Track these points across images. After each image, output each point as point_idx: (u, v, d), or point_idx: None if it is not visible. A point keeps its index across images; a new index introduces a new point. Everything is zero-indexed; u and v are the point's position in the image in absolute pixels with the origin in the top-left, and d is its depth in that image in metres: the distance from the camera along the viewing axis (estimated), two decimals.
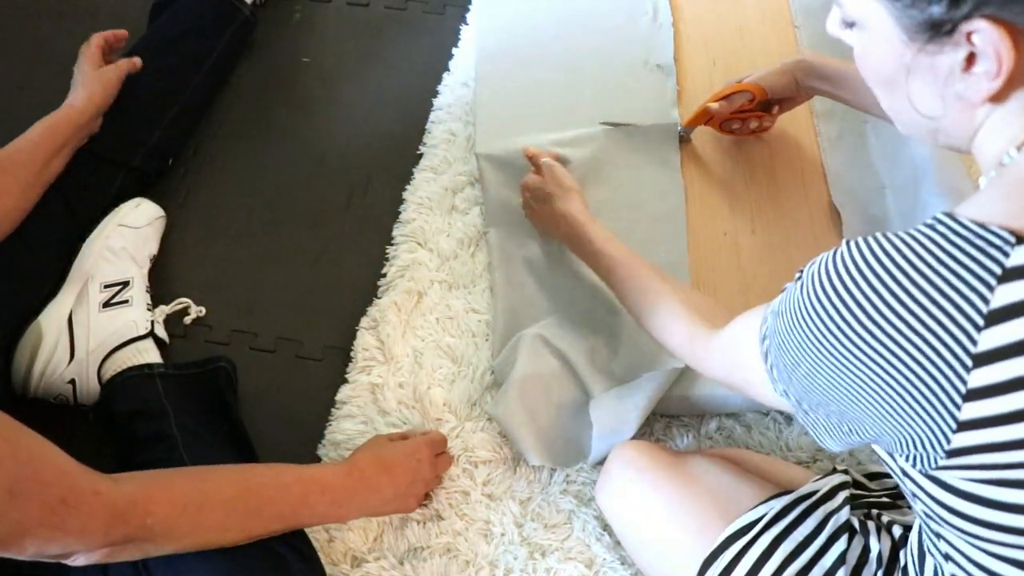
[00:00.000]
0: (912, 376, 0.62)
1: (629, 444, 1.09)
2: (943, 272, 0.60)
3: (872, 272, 0.62)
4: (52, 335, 1.22)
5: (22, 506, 0.76)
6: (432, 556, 1.14)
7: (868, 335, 0.62)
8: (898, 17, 0.65)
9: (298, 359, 1.32)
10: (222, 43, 1.51)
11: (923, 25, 0.63)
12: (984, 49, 0.61)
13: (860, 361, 0.63)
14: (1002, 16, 0.59)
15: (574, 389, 1.20)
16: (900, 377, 0.62)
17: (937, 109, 0.67)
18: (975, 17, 0.60)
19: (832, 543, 0.88)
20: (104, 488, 0.83)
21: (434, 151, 1.46)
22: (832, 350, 0.65)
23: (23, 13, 1.67)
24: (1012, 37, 0.59)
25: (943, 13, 0.61)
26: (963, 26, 0.61)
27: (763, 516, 0.91)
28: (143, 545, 0.87)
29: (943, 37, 0.63)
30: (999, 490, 0.64)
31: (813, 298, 0.66)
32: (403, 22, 1.62)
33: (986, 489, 0.64)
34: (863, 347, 0.63)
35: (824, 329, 0.65)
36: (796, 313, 0.68)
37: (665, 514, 0.99)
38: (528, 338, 1.23)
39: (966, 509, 0.66)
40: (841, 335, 0.64)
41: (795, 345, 0.68)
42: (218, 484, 0.94)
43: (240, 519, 0.94)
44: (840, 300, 0.63)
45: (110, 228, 1.31)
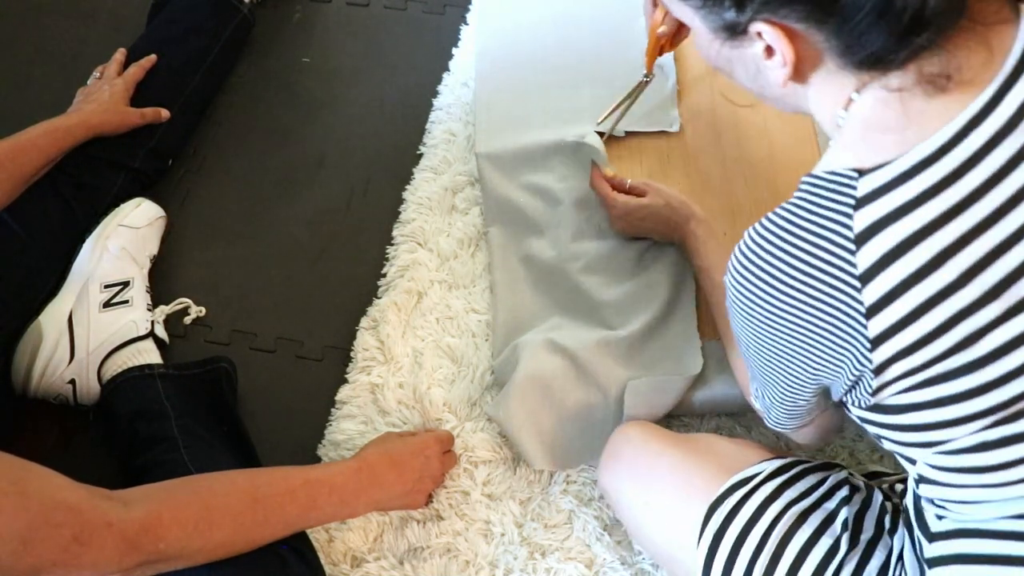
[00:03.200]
0: (821, 313, 0.72)
1: (633, 423, 1.11)
2: (813, 218, 0.72)
3: (765, 242, 0.75)
4: (52, 335, 1.22)
5: (36, 551, 0.77)
6: (432, 556, 1.14)
7: (778, 294, 0.74)
8: (704, 20, 0.77)
9: (298, 359, 1.32)
10: (221, 42, 1.51)
11: (723, 27, 0.76)
12: (774, 43, 0.72)
13: (782, 314, 0.75)
14: (775, 19, 0.71)
15: (577, 389, 1.19)
16: (813, 317, 0.73)
17: (763, 89, 0.81)
18: (756, 20, 0.72)
19: (835, 491, 0.93)
20: (115, 518, 0.83)
21: (434, 151, 1.46)
22: (759, 313, 0.77)
23: (23, 13, 1.67)
24: (787, 34, 0.71)
25: (733, 17, 0.74)
26: (751, 27, 0.73)
27: (766, 469, 0.95)
28: (157, 566, 0.87)
29: (741, 35, 0.75)
30: (929, 390, 0.72)
31: (733, 280, 0.79)
32: (403, 22, 1.62)
33: (919, 394, 0.72)
34: (778, 304, 0.75)
35: (748, 301, 0.78)
36: (729, 295, 0.81)
37: (670, 474, 1.01)
38: (530, 341, 1.23)
39: (911, 420, 0.74)
40: (760, 300, 0.76)
41: (736, 319, 0.81)
42: (226, 499, 0.94)
43: (249, 531, 0.95)
44: (749, 272, 0.76)
45: (110, 228, 1.31)
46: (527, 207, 1.36)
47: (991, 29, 0.68)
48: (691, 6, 0.77)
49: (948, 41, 0.67)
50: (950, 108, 0.68)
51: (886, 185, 0.68)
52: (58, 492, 0.81)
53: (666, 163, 1.38)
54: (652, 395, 1.16)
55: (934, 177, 0.67)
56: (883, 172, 0.68)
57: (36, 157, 1.24)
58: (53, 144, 1.27)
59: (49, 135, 1.27)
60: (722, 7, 0.73)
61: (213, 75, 1.52)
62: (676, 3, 0.79)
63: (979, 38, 0.68)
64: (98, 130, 1.33)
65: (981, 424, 0.72)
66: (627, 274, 1.29)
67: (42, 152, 1.25)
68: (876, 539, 0.89)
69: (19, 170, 1.21)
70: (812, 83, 0.76)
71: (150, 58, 1.44)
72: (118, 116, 1.36)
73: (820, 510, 0.91)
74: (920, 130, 0.68)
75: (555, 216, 1.34)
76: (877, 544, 0.89)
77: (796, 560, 0.88)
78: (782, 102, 0.82)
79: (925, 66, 0.68)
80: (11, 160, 1.20)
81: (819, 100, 0.77)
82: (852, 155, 0.71)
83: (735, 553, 0.91)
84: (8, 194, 1.20)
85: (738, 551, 0.90)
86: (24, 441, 1.22)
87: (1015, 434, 0.72)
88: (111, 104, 1.36)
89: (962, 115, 0.67)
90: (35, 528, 0.76)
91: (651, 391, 1.16)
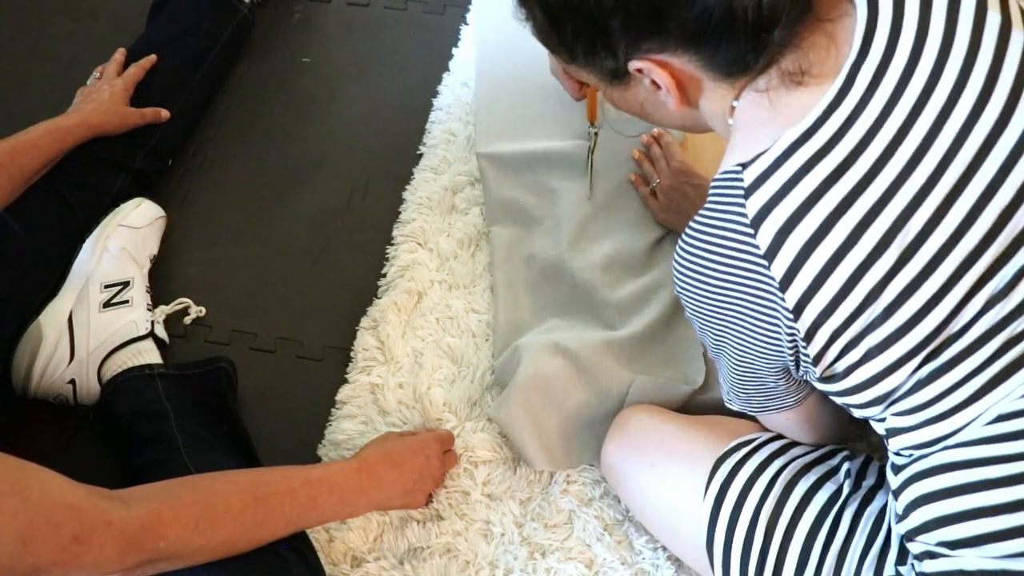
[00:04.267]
0: (744, 294, 0.80)
1: (635, 406, 1.14)
2: (718, 214, 0.79)
3: (690, 240, 0.83)
4: (52, 335, 1.22)
5: (35, 551, 0.76)
6: (432, 556, 1.14)
7: (708, 280, 0.82)
8: (593, 73, 0.85)
9: (298, 359, 1.32)
10: (221, 42, 1.51)
11: (609, 74, 0.83)
12: (653, 75, 0.80)
13: (715, 299, 0.83)
14: (644, 55, 0.78)
15: (579, 390, 1.19)
16: (740, 298, 0.80)
17: (670, 119, 0.89)
18: (632, 60, 0.79)
19: (837, 452, 1.00)
20: (115, 517, 0.83)
21: (434, 151, 1.46)
22: (699, 302, 0.85)
23: (23, 12, 1.67)
24: (660, 65, 0.79)
25: (613, 65, 0.81)
26: (629, 67, 0.80)
27: (770, 434, 1.02)
28: (157, 565, 0.87)
29: (626, 77, 0.83)
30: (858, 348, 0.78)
31: (675, 274, 0.87)
32: (403, 22, 1.62)
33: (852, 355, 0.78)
34: (710, 291, 0.83)
35: (688, 292, 0.85)
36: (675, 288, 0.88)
37: (675, 439, 1.05)
38: (531, 342, 1.23)
39: (855, 380, 0.80)
40: (696, 290, 0.84)
41: (686, 308, 0.88)
42: (227, 498, 0.94)
43: (249, 531, 0.94)
44: (683, 267, 0.84)
45: (110, 228, 1.31)
46: (528, 207, 1.36)
47: (835, 24, 0.76)
48: (579, 65, 0.84)
49: (800, 40, 0.75)
50: (810, 97, 0.75)
51: (766, 171, 0.75)
52: (57, 492, 0.81)
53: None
54: (657, 395, 1.17)
55: (805, 155, 0.74)
56: (761, 161, 0.76)
57: (36, 157, 1.24)
58: (53, 144, 1.27)
59: (49, 135, 1.27)
60: (602, 58, 0.81)
61: (213, 75, 1.52)
62: (571, 67, 0.87)
63: (825, 33, 0.76)
64: (98, 130, 1.33)
65: (911, 366, 0.77)
66: (630, 275, 1.29)
67: (42, 152, 1.25)
68: (877, 486, 0.94)
69: (19, 170, 1.21)
70: (701, 102, 0.83)
71: (150, 58, 1.44)
72: (118, 116, 1.36)
73: (823, 464, 0.97)
74: (786, 120, 0.76)
75: (556, 216, 1.34)
76: (878, 490, 0.93)
77: (800, 504, 0.92)
78: (689, 125, 0.90)
79: (784, 64, 0.76)
80: (11, 160, 1.20)
81: (711, 114, 0.84)
82: (738, 152, 0.78)
83: (741, 501, 0.95)
84: (8, 194, 1.20)
85: (744, 499, 0.95)
86: (24, 441, 1.22)
87: (939, 365, 0.77)
88: (111, 104, 1.36)
89: (821, 101, 0.75)
90: (35, 528, 0.76)
91: (657, 391, 1.17)
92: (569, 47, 0.83)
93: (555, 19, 0.81)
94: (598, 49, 0.80)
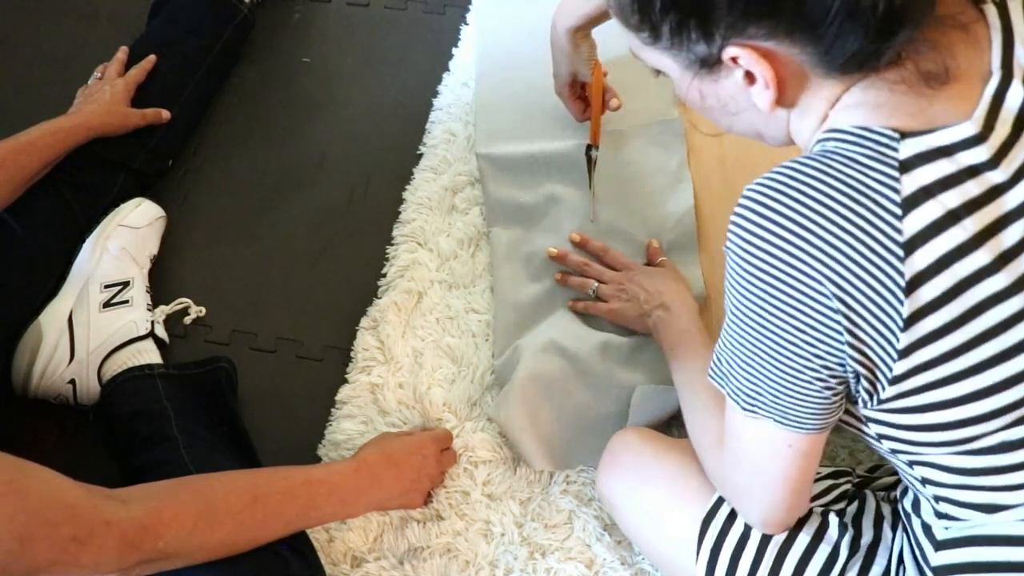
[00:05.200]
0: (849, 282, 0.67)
1: (631, 429, 1.10)
2: (851, 173, 0.67)
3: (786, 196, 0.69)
4: (52, 335, 1.22)
5: (34, 550, 0.76)
6: (432, 556, 1.14)
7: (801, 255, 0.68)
8: (676, 60, 0.74)
9: (298, 359, 1.32)
10: (221, 42, 1.51)
11: (697, 62, 0.73)
12: (751, 66, 0.70)
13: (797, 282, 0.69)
14: (745, 41, 0.69)
15: (578, 391, 1.19)
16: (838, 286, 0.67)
17: (750, 124, 0.78)
18: (729, 46, 0.69)
19: (828, 492, 0.93)
20: (114, 516, 0.83)
21: (434, 151, 1.45)
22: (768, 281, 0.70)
23: (23, 12, 1.67)
24: (762, 55, 0.69)
25: (705, 50, 0.71)
26: (724, 54, 0.70)
27: None
28: (156, 564, 0.87)
29: (717, 66, 0.72)
30: (952, 387, 0.69)
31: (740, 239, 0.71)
32: (403, 22, 1.62)
33: (942, 392, 0.70)
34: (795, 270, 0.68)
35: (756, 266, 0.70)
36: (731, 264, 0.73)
37: (668, 485, 1.00)
38: (532, 342, 1.23)
39: (930, 419, 0.72)
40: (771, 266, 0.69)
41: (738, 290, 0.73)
42: (226, 498, 0.94)
43: (249, 531, 0.95)
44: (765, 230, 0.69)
45: (110, 228, 1.30)
46: (529, 207, 1.36)
47: (966, 28, 0.70)
48: (661, 48, 0.74)
49: (934, 38, 0.68)
50: (963, 97, 0.68)
51: (931, 152, 0.67)
52: (56, 491, 0.81)
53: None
54: (659, 401, 1.17)
55: (978, 157, 0.67)
56: (928, 139, 0.67)
57: (37, 158, 1.24)
58: (54, 145, 1.27)
59: (50, 136, 1.26)
60: (691, 41, 0.71)
61: (213, 75, 1.52)
62: (647, 51, 0.76)
63: (959, 35, 0.69)
64: (99, 131, 1.33)
65: (1003, 422, 0.71)
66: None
67: (43, 153, 1.25)
68: (876, 543, 0.89)
69: (20, 171, 1.21)
70: (799, 103, 0.74)
71: (151, 59, 1.44)
72: (119, 117, 1.36)
73: (814, 515, 0.90)
74: (945, 111, 0.68)
75: (557, 216, 1.34)
76: (878, 548, 0.88)
77: (796, 571, 0.87)
78: (770, 133, 0.79)
79: (922, 63, 0.68)
80: (12, 161, 1.20)
81: (807, 117, 0.74)
82: (880, 116, 0.68)
83: (732, 570, 0.90)
84: (8, 195, 1.20)
85: (736, 567, 0.90)
86: (24, 441, 1.22)
87: None
88: (112, 105, 1.36)
89: (981, 105, 0.68)
90: (33, 527, 0.76)
91: (658, 397, 1.17)
92: (654, 25, 0.71)
93: None
94: (690, 30, 0.70)
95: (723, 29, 0.68)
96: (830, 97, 0.72)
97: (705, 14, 0.68)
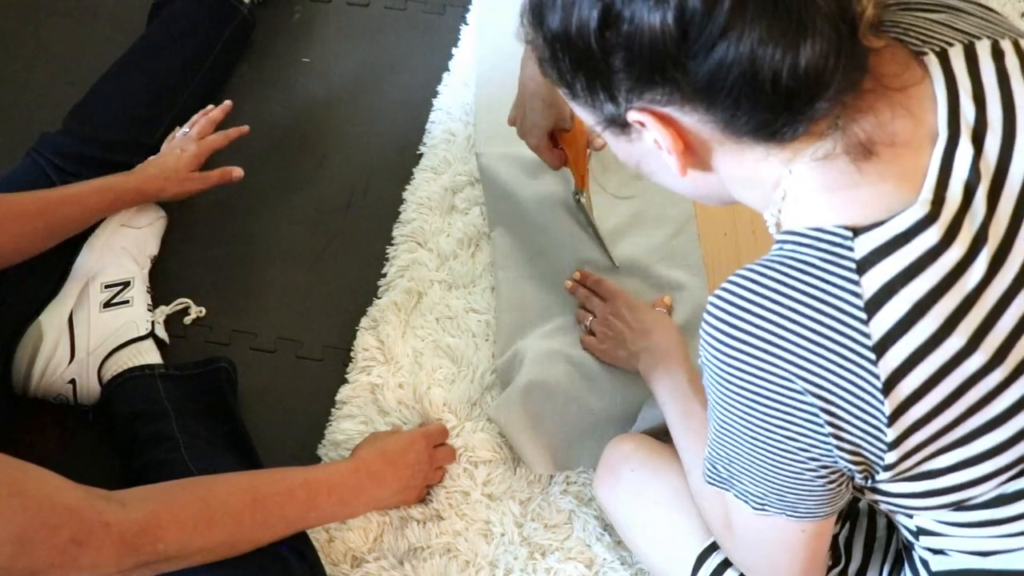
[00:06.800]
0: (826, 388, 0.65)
1: (627, 437, 1.10)
2: (809, 280, 0.65)
3: (751, 306, 0.67)
4: (52, 335, 1.22)
5: (33, 552, 0.76)
6: (432, 556, 1.14)
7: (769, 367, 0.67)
8: (593, 116, 0.71)
9: (298, 359, 1.32)
10: (221, 43, 1.51)
11: (608, 121, 0.70)
12: (652, 131, 0.66)
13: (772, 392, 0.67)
14: (646, 105, 0.66)
15: (581, 395, 1.19)
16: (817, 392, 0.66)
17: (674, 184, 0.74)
18: (631, 109, 0.66)
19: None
20: (113, 518, 0.83)
21: (434, 151, 1.45)
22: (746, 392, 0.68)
23: (23, 12, 1.67)
24: (662, 120, 0.66)
25: (613, 112, 0.68)
26: (628, 117, 0.67)
27: None
28: (155, 567, 0.87)
29: (628, 127, 0.69)
30: (945, 456, 0.68)
31: (713, 353, 0.69)
32: (403, 22, 1.62)
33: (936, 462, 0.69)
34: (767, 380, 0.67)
35: (732, 378, 0.69)
36: (707, 373, 0.71)
37: (667, 499, 1.00)
38: (536, 346, 1.23)
39: (927, 487, 0.71)
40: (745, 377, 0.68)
41: (716, 400, 0.72)
42: (225, 500, 0.94)
43: (248, 532, 0.95)
44: (735, 342, 0.68)
45: (111, 228, 1.30)
46: (530, 208, 1.35)
47: (905, 93, 0.66)
48: (580, 104, 0.71)
49: (871, 103, 0.64)
50: (910, 167, 0.65)
51: (887, 245, 0.64)
52: (56, 493, 0.81)
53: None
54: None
55: (932, 239, 0.63)
56: (881, 231, 0.64)
57: (80, 212, 1.20)
58: (101, 204, 1.22)
59: (99, 193, 1.22)
60: (601, 100, 0.68)
61: (214, 76, 1.52)
62: (573, 106, 0.73)
63: (895, 101, 0.65)
64: (153, 197, 1.29)
65: (998, 481, 0.70)
66: (635, 276, 1.29)
67: (87, 209, 1.21)
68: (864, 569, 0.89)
69: (59, 222, 1.18)
70: (718, 167, 0.70)
71: (240, 129, 1.37)
72: (177, 185, 1.29)
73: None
74: (895, 190, 0.64)
75: (558, 217, 1.34)
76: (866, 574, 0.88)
77: None
78: (703, 194, 0.76)
79: (855, 131, 0.64)
80: (54, 211, 1.16)
81: (746, 189, 0.71)
82: (832, 212, 0.65)
83: None
84: (42, 243, 1.16)
85: None
86: (24, 441, 1.22)
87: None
88: (174, 172, 1.28)
89: (929, 176, 0.64)
90: (32, 529, 0.76)
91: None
92: (568, 81, 0.69)
93: (554, 47, 0.68)
94: (598, 90, 0.67)
95: (624, 92, 0.66)
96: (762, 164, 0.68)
97: (606, 76, 0.65)
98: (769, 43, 0.58)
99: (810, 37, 0.59)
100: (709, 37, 0.59)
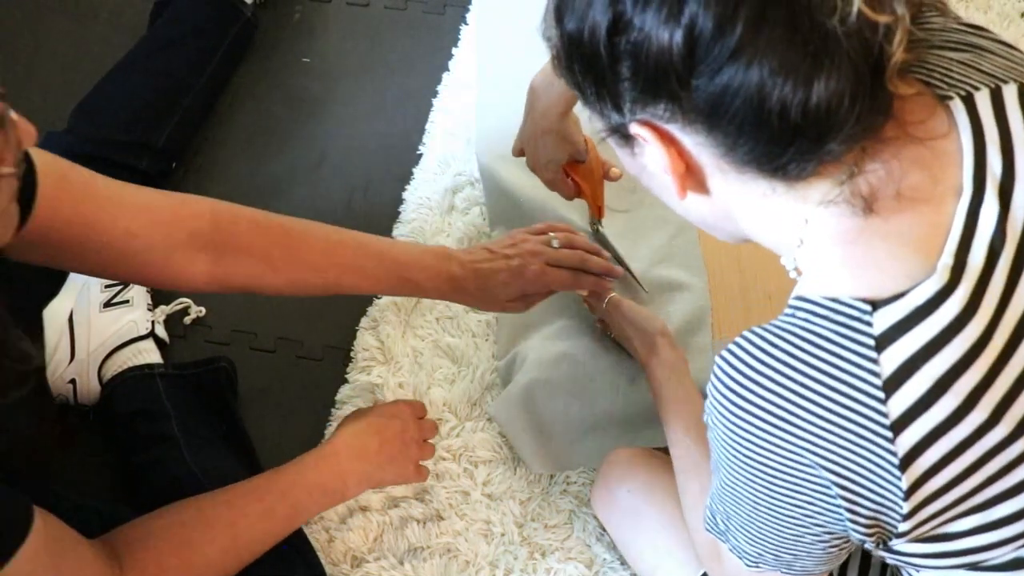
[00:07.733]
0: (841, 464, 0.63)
1: (624, 452, 1.10)
2: (825, 356, 0.62)
3: (762, 379, 0.64)
4: (52, 335, 1.22)
5: None
6: (432, 556, 1.14)
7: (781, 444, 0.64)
8: (602, 122, 0.68)
9: (298, 359, 1.32)
10: (224, 44, 1.51)
11: (611, 129, 0.67)
12: (652, 146, 0.64)
13: (784, 466, 0.65)
14: (648, 119, 0.63)
15: (583, 396, 1.19)
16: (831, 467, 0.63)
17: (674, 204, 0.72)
18: (634, 122, 0.64)
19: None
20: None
21: (434, 151, 1.46)
22: (755, 464, 0.66)
23: (23, 13, 1.67)
24: (662, 137, 0.63)
25: (618, 121, 0.65)
26: (631, 130, 0.64)
27: None
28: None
29: (631, 139, 0.66)
30: (962, 521, 0.66)
31: (722, 420, 0.67)
32: (403, 22, 1.62)
33: (952, 526, 0.67)
34: (778, 455, 0.65)
35: (741, 451, 0.66)
36: (716, 440, 0.69)
37: (664, 526, 1.00)
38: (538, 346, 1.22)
39: (941, 548, 0.68)
40: (755, 452, 0.65)
41: (724, 465, 0.70)
42: (202, 545, 0.94)
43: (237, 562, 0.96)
44: (745, 414, 0.65)
45: None
46: (531, 209, 1.35)
47: (929, 145, 0.63)
48: (589, 110, 0.68)
49: (890, 154, 0.61)
50: (932, 228, 0.62)
51: (906, 320, 0.60)
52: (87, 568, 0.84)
53: None
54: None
55: (954, 310, 0.60)
56: (901, 305, 0.61)
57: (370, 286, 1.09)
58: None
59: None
60: (608, 108, 0.65)
61: (217, 78, 1.51)
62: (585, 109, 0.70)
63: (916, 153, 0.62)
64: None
65: (1015, 546, 0.68)
66: (638, 276, 1.29)
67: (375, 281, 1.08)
68: None
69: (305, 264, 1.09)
70: (720, 194, 0.67)
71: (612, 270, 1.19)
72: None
73: None
74: (915, 250, 0.61)
75: (559, 218, 1.34)
76: None
77: None
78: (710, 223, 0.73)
79: (859, 182, 0.62)
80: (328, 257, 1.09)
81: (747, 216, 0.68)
82: (850, 281, 0.63)
83: None
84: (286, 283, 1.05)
85: None
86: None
87: None
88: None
89: (951, 240, 0.61)
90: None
91: None
92: (579, 84, 0.66)
93: (569, 48, 0.65)
94: (605, 97, 0.65)
95: (629, 103, 0.63)
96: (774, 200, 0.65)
97: (612, 84, 0.63)
98: (780, 73, 0.56)
99: (825, 73, 0.56)
100: (716, 59, 0.57)
